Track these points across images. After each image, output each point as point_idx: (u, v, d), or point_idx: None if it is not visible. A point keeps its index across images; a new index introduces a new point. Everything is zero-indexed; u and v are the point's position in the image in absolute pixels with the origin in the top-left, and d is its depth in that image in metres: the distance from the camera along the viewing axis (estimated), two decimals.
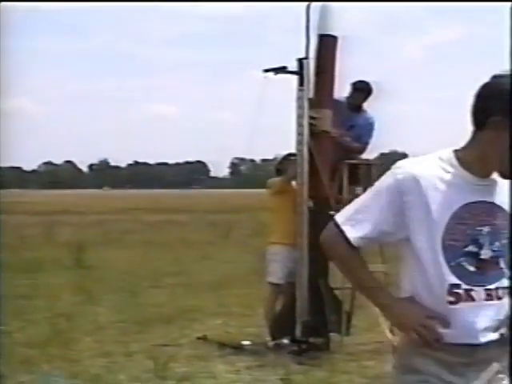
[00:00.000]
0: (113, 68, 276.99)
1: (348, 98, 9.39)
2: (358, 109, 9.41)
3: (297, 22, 8.95)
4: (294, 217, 9.06)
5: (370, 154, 9.74)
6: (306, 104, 8.79)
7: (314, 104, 8.80)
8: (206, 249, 21.23)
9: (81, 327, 10.17)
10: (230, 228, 27.30)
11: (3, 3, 8.23)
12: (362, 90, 9.35)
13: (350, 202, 9.30)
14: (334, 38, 8.86)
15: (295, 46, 9.09)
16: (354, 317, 9.37)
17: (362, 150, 9.36)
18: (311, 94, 8.80)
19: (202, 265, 17.57)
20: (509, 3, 5.14)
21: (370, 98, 9.40)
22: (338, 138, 8.99)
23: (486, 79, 2.80)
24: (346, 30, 9.00)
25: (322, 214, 8.74)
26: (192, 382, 7.58)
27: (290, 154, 9.35)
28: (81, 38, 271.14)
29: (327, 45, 8.83)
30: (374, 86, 9.40)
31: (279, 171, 9.42)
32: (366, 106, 9.48)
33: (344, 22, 8.89)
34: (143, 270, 16.42)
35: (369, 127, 9.34)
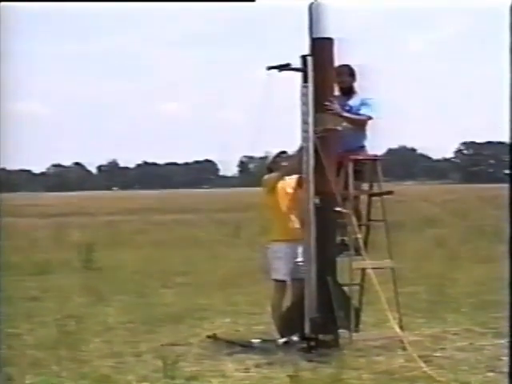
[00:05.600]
0: (119, 69, 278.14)
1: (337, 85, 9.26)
2: (349, 92, 9.32)
3: (300, 20, 8.95)
4: (292, 213, 9.10)
5: (378, 149, 9.70)
6: (310, 101, 8.77)
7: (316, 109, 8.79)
8: (215, 248, 21.25)
9: (90, 328, 10.18)
10: (239, 226, 27.28)
11: (3, 3, 8.22)
12: (342, 72, 9.22)
13: (355, 197, 9.35)
14: (330, 39, 8.85)
15: (299, 45, 9.09)
16: (363, 313, 9.39)
17: (366, 122, 9.22)
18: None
19: (211, 264, 17.58)
20: (509, 3, 5.13)
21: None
22: (340, 113, 8.90)
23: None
24: (344, 32, 9.00)
25: (328, 211, 8.75)
26: (201, 380, 7.56)
27: (282, 152, 9.35)
28: (88, 40, 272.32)
29: (323, 47, 8.81)
30: (357, 69, 9.32)
31: (271, 170, 9.37)
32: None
33: (341, 22, 8.89)
34: (152, 270, 16.44)
35: (366, 102, 9.19)
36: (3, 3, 8.24)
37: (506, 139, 6.29)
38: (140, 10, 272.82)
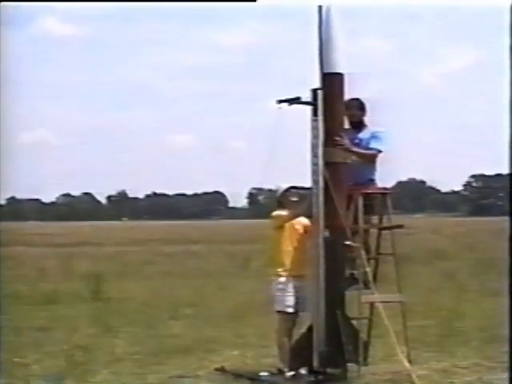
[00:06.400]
0: (130, 99, 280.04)
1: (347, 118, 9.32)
2: (359, 125, 9.38)
3: (311, 53, 9.02)
4: (299, 248, 9.11)
5: (387, 182, 9.72)
6: (320, 134, 8.80)
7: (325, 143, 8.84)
8: (223, 279, 21.20)
9: (98, 359, 10.15)
10: (248, 258, 27.23)
11: (3, 3, 8.29)
12: (352, 106, 9.28)
13: (365, 231, 9.32)
14: (340, 74, 8.91)
15: (309, 76, 9.14)
16: (371, 346, 9.35)
17: (375, 156, 9.27)
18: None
19: (219, 295, 17.54)
20: (509, 3, 5.20)
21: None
22: (350, 148, 8.94)
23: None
24: (355, 65, 9.08)
25: (337, 244, 8.75)
26: None
27: (292, 187, 9.38)
28: (99, 69, 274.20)
29: (333, 81, 8.87)
30: (367, 102, 9.40)
31: (280, 203, 9.41)
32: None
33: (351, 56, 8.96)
34: (161, 302, 16.41)
35: (376, 135, 9.26)
36: (3, 3, 8.31)
37: None
38: (152, 40, 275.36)
